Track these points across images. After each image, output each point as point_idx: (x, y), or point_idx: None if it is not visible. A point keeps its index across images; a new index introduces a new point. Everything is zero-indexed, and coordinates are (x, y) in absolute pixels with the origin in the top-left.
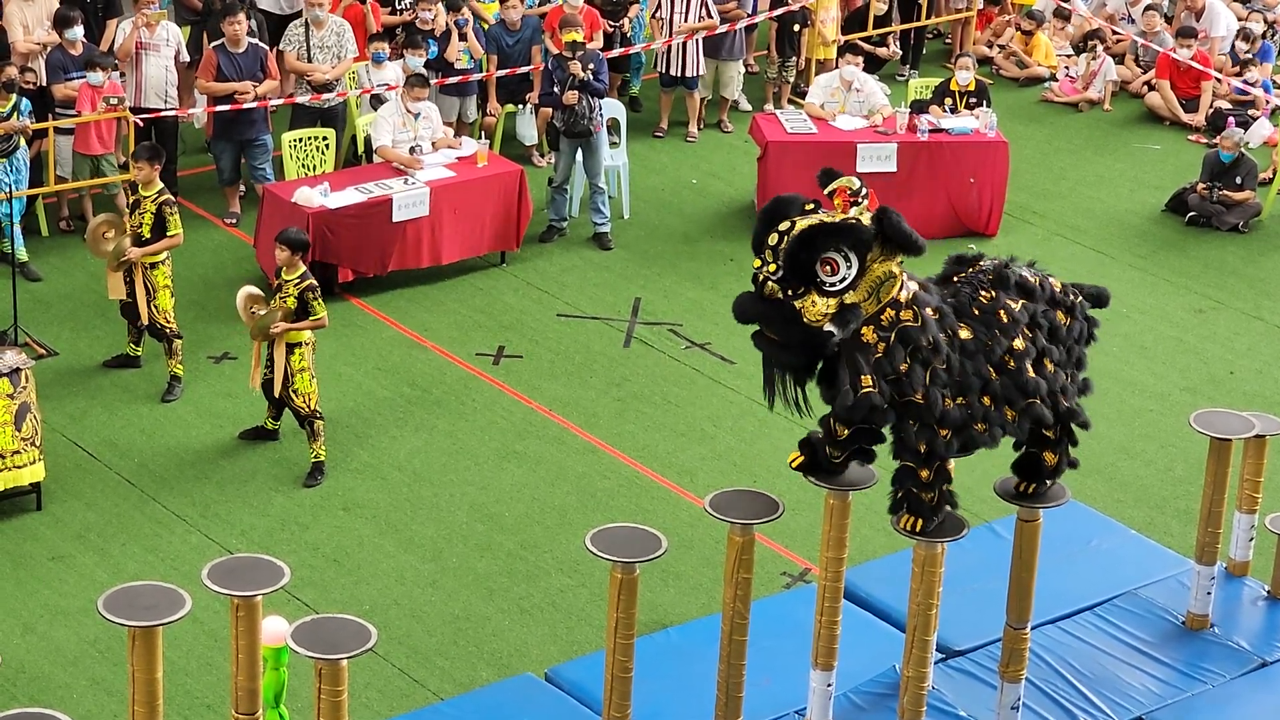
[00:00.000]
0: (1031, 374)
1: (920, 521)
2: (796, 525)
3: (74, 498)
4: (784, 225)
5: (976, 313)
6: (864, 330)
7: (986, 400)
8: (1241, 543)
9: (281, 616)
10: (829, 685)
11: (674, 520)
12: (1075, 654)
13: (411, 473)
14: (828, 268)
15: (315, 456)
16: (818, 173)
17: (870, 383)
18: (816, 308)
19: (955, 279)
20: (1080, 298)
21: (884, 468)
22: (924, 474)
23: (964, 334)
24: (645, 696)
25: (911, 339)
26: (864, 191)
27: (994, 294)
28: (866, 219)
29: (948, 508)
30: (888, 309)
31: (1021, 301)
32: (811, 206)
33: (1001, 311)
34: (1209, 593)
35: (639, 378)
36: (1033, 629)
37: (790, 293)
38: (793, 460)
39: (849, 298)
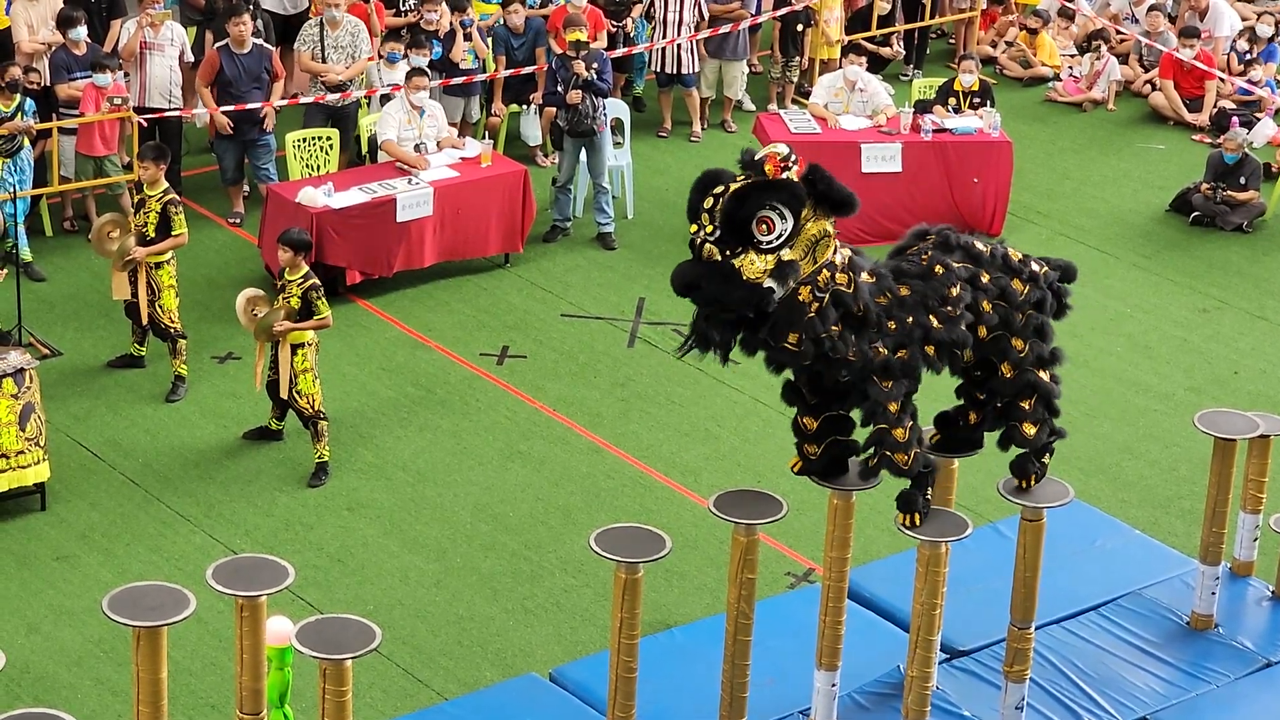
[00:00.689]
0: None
1: (916, 516)
2: (801, 525)
3: (78, 498)
4: (718, 188)
5: (915, 272)
6: (801, 290)
7: (930, 349)
8: (1246, 543)
9: (286, 617)
10: (833, 685)
11: (678, 520)
12: (1079, 654)
13: (415, 473)
14: (763, 226)
15: (319, 457)
16: (740, 155)
17: (795, 339)
18: (755, 265)
19: (908, 250)
20: (1045, 269)
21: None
22: (898, 433)
23: (903, 291)
24: (649, 697)
25: (843, 302)
26: (793, 158)
27: (933, 253)
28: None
29: (925, 469)
30: (823, 270)
31: (964, 264)
32: (744, 177)
33: (938, 266)
34: (1213, 593)
35: (643, 378)
36: (1037, 629)
37: (728, 252)
38: (793, 465)
39: (786, 254)
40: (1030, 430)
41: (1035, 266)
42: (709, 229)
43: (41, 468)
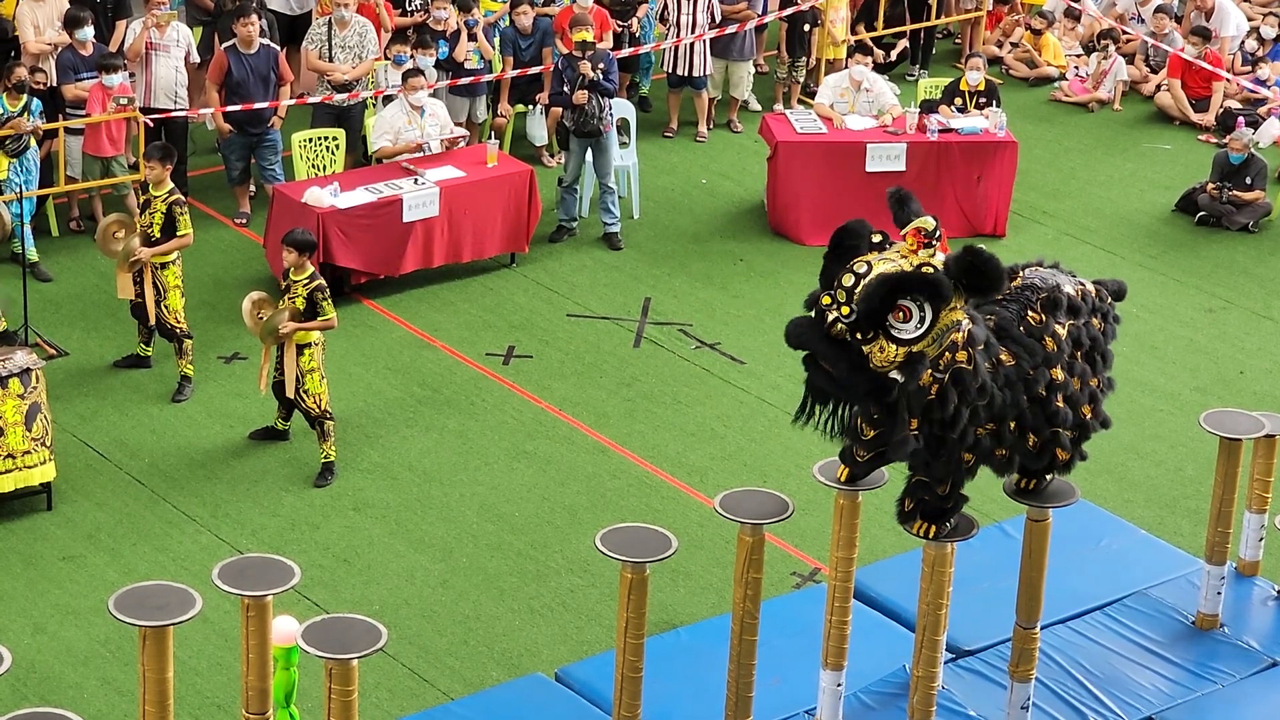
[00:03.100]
0: (1061, 405)
1: (934, 528)
2: (806, 525)
3: (84, 498)
4: (860, 267)
5: (1022, 333)
6: (923, 374)
7: (1013, 426)
8: (1251, 542)
9: (292, 616)
10: (839, 685)
11: (684, 520)
12: (1085, 654)
13: (422, 473)
14: (900, 314)
15: (325, 457)
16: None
17: (915, 425)
18: (885, 354)
19: (1004, 294)
20: (1110, 299)
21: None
22: (941, 490)
23: (1005, 359)
24: (655, 696)
25: (963, 382)
26: (938, 234)
27: (1043, 318)
28: (938, 261)
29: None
30: (945, 352)
31: (1069, 323)
32: (879, 239)
33: (1049, 339)
34: (1219, 592)
35: (649, 378)
36: (1042, 629)
37: (859, 336)
38: (840, 474)
39: (918, 347)
40: (1063, 456)
41: (1107, 300)
42: (845, 310)
43: (48, 468)
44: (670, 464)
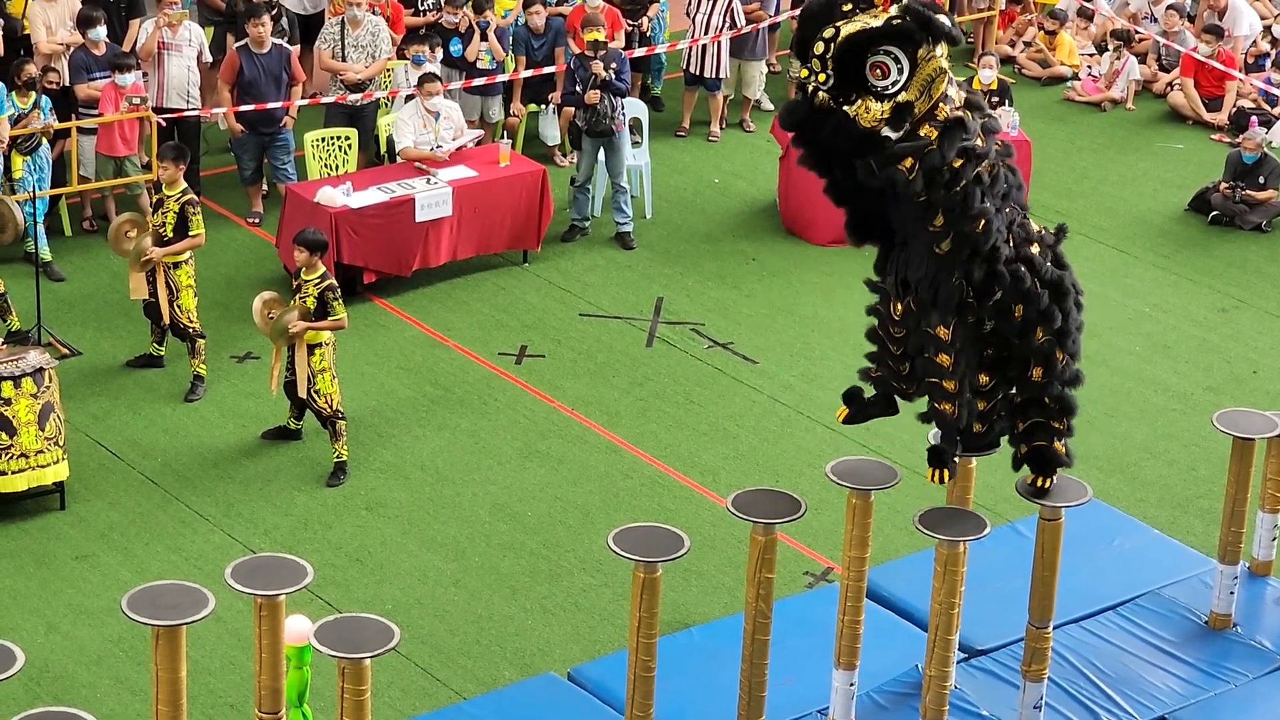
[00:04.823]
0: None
1: (945, 472)
2: (819, 525)
3: (97, 497)
4: (828, 32)
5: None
6: (921, 126)
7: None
8: (1264, 542)
9: (305, 616)
10: (851, 685)
11: (696, 520)
12: (1098, 653)
13: (434, 472)
14: (878, 71)
15: (338, 456)
16: None
17: (910, 164)
18: (871, 113)
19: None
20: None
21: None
22: (948, 384)
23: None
24: (668, 696)
25: (965, 128)
26: None
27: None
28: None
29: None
30: (939, 104)
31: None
32: (850, 7)
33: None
34: (1232, 592)
35: (661, 377)
36: (1055, 628)
37: (842, 99)
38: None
39: (902, 97)
40: (1060, 449)
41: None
42: (821, 77)
43: (61, 467)
44: (683, 463)
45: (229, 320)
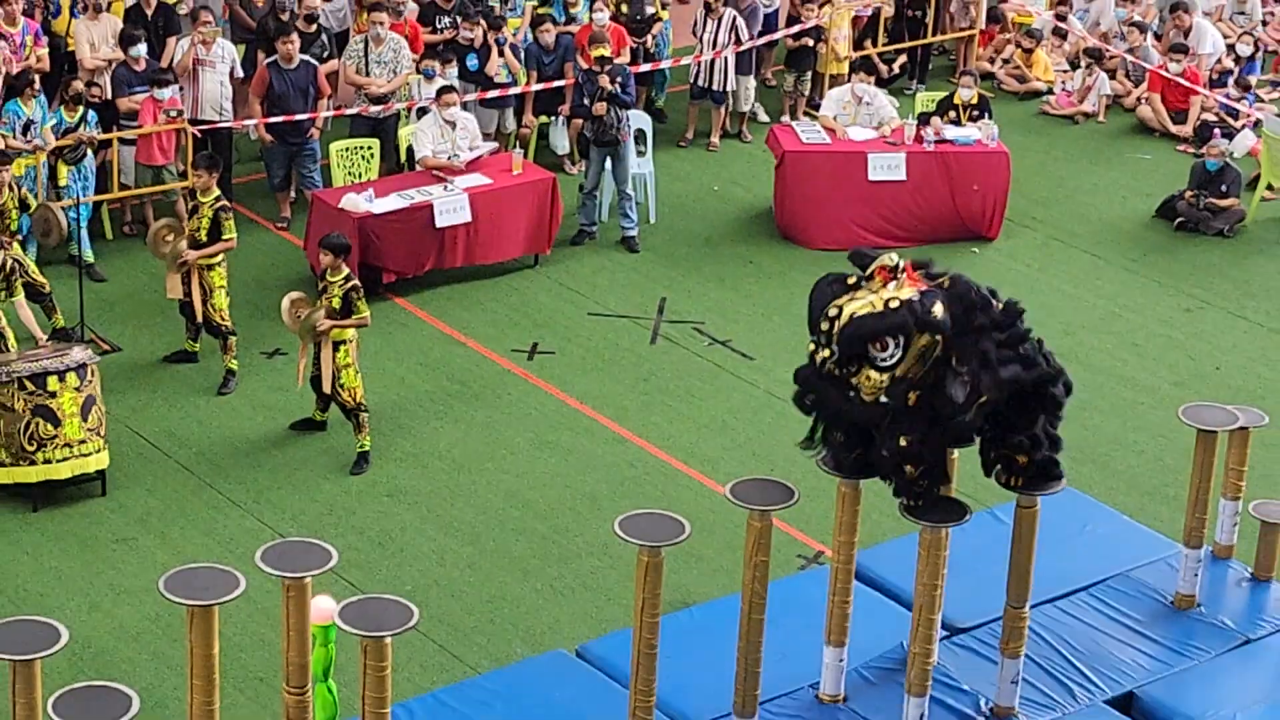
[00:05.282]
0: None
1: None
2: (811, 511)
3: (136, 484)
4: (833, 311)
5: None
6: (910, 395)
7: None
8: (1226, 527)
9: (330, 596)
10: (841, 660)
11: (697, 506)
12: (1071, 632)
13: (451, 461)
14: (878, 345)
15: (361, 446)
16: (850, 255)
17: (907, 442)
18: (871, 382)
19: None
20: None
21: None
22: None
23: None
24: (670, 671)
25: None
26: (900, 267)
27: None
28: (905, 293)
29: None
30: (932, 366)
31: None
32: (854, 281)
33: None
34: (1196, 574)
35: (664, 373)
36: (1031, 608)
37: (846, 370)
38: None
39: (899, 370)
40: (1023, 460)
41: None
42: (826, 352)
43: (102, 456)
44: (684, 454)
45: (259, 318)
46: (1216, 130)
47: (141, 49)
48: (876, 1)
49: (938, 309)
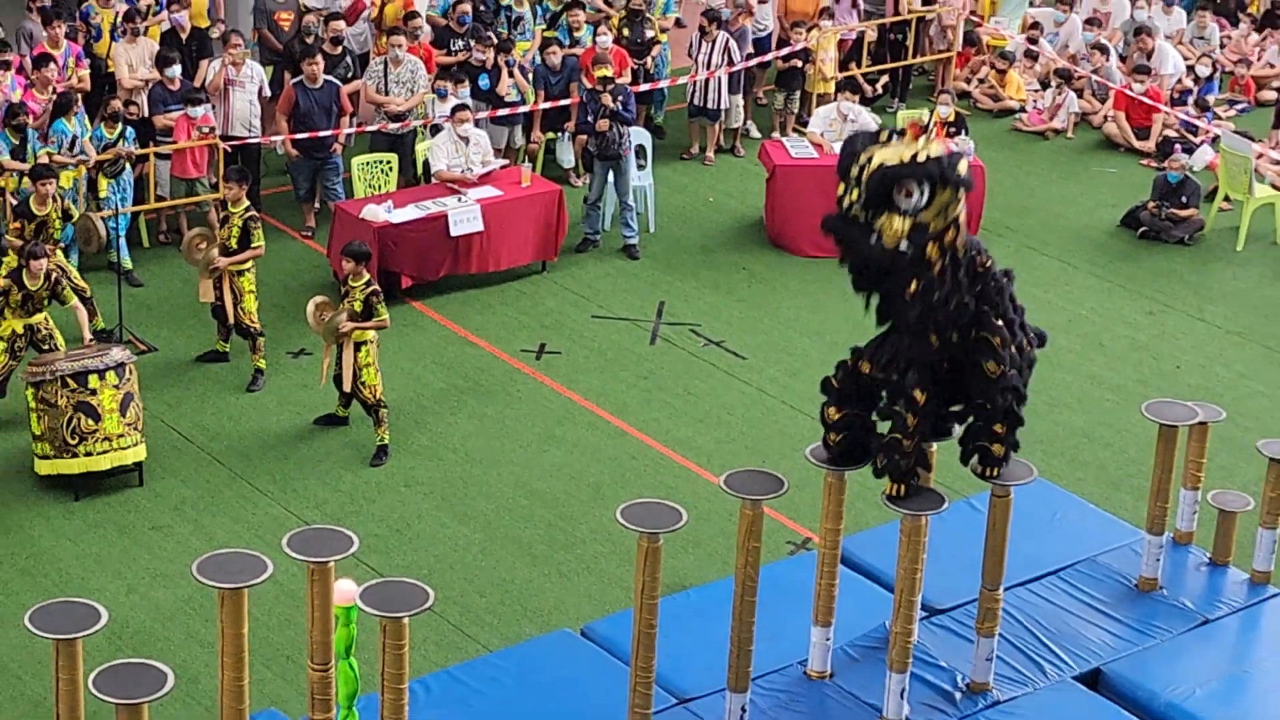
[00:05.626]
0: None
1: (901, 486)
2: (800, 500)
3: (171, 475)
4: (864, 159)
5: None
6: (929, 246)
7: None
8: (1187, 515)
9: (351, 579)
10: (828, 639)
11: (693, 496)
12: (1041, 612)
13: (464, 454)
14: (903, 192)
15: (380, 440)
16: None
17: (914, 287)
18: (893, 228)
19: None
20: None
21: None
22: (908, 445)
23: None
24: (668, 649)
25: (960, 261)
26: (931, 125)
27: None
28: (934, 149)
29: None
30: (950, 228)
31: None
32: (887, 136)
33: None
34: (1158, 559)
35: (663, 371)
36: (1005, 590)
37: (871, 214)
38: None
39: (923, 218)
40: (998, 450)
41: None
42: (854, 195)
43: (139, 449)
44: (681, 447)
45: (286, 321)
46: (1177, 145)
47: (176, 70)
48: (860, 26)
49: (962, 166)
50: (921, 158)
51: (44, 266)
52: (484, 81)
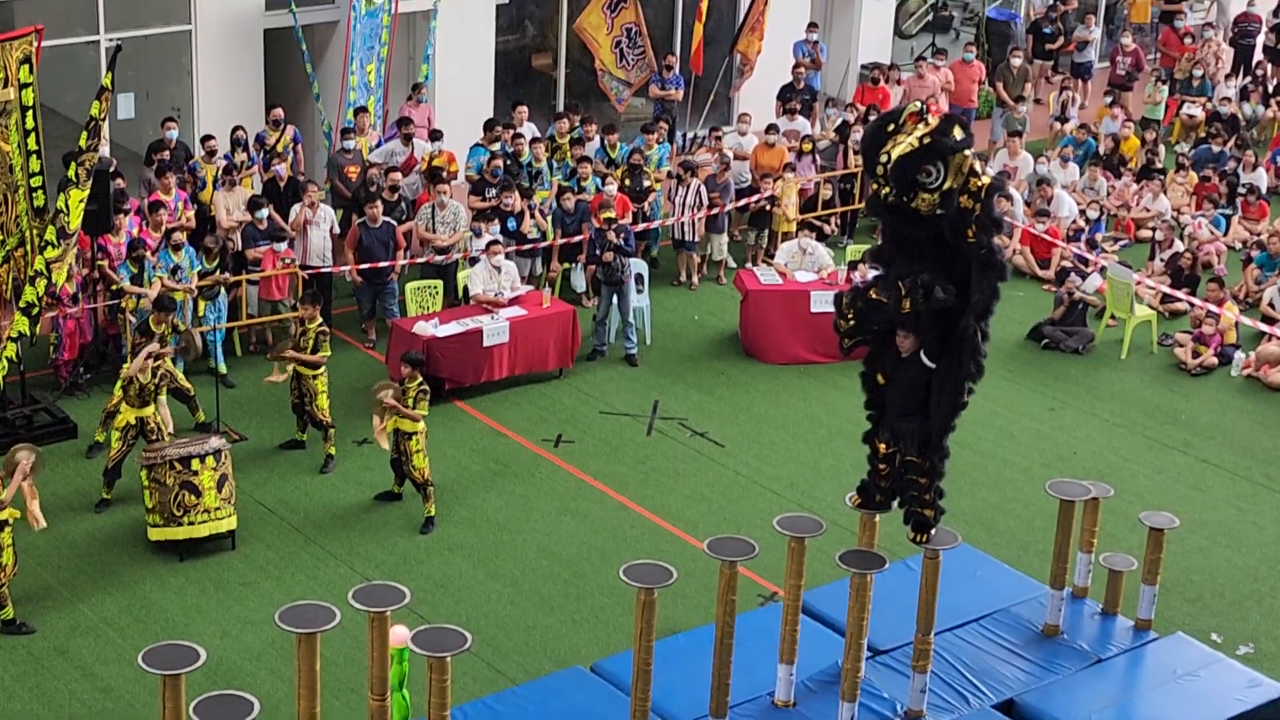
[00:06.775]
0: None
1: (926, 535)
2: (768, 560)
3: (258, 540)
4: (884, 157)
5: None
6: (960, 199)
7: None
8: (1082, 574)
9: (404, 625)
10: (791, 675)
11: (682, 557)
12: (965, 653)
13: (496, 524)
14: (925, 173)
15: (428, 513)
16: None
17: (971, 233)
18: (926, 201)
19: None
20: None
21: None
22: (928, 496)
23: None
24: (662, 682)
25: (990, 198)
26: (924, 110)
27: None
28: (931, 124)
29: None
30: (970, 178)
31: None
32: (893, 128)
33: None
34: (1060, 609)
35: (657, 457)
36: (935, 635)
37: (905, 198)
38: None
39: (946, 185)
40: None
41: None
42: (886, 189)
43: (232, 519)
44: (672, 518)
45: (351, 416)
46: (1072, 274)
47: (264, 213)
48: (817, 177)
49: (956, 131)
50: (926, 140)
51: (169, 320)
52: (511, 223)
